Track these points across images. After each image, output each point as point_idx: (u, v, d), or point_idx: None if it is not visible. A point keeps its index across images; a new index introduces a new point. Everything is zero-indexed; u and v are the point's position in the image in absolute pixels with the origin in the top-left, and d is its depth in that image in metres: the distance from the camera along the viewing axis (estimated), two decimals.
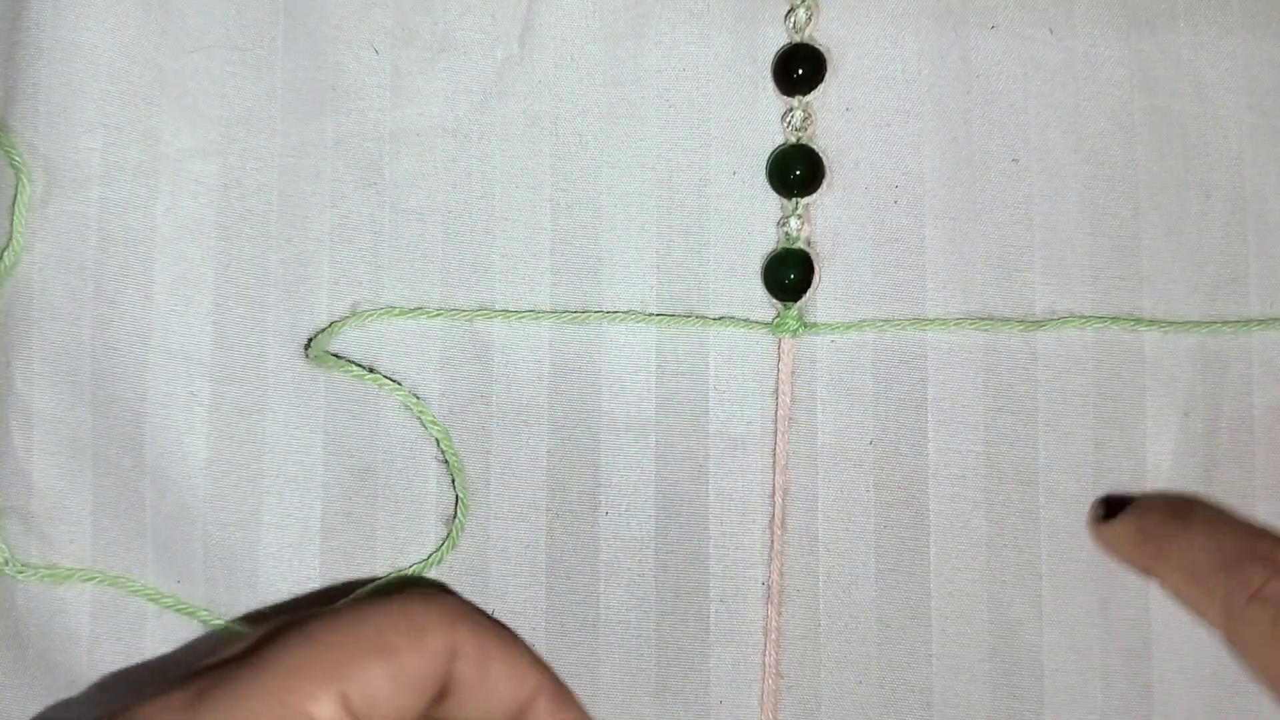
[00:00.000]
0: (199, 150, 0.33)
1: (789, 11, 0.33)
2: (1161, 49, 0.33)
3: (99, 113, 0.32)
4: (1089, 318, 0.33)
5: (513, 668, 0.28)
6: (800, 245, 0.33)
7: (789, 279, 0.33)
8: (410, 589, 0.31)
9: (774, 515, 0.33)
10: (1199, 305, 0.33)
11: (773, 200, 0.33)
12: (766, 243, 0.33)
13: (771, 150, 0.33)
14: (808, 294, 0.33)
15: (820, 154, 0.33)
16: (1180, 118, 0.33)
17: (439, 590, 0.32)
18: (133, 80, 0.33)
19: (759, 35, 0.33)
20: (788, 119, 0.33)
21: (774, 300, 0.33)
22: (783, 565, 0.33)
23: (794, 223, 0.33)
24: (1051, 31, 0.33)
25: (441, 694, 0.27)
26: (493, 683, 0.28)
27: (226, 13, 0.33)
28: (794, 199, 0.33)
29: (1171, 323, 0.33)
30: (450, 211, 0.33)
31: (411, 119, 0.33)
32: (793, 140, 0.33)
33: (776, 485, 0.33)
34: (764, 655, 0.33)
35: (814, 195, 0.33)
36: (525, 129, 0.33)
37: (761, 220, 0.33)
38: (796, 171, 0.33)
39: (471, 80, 0.33)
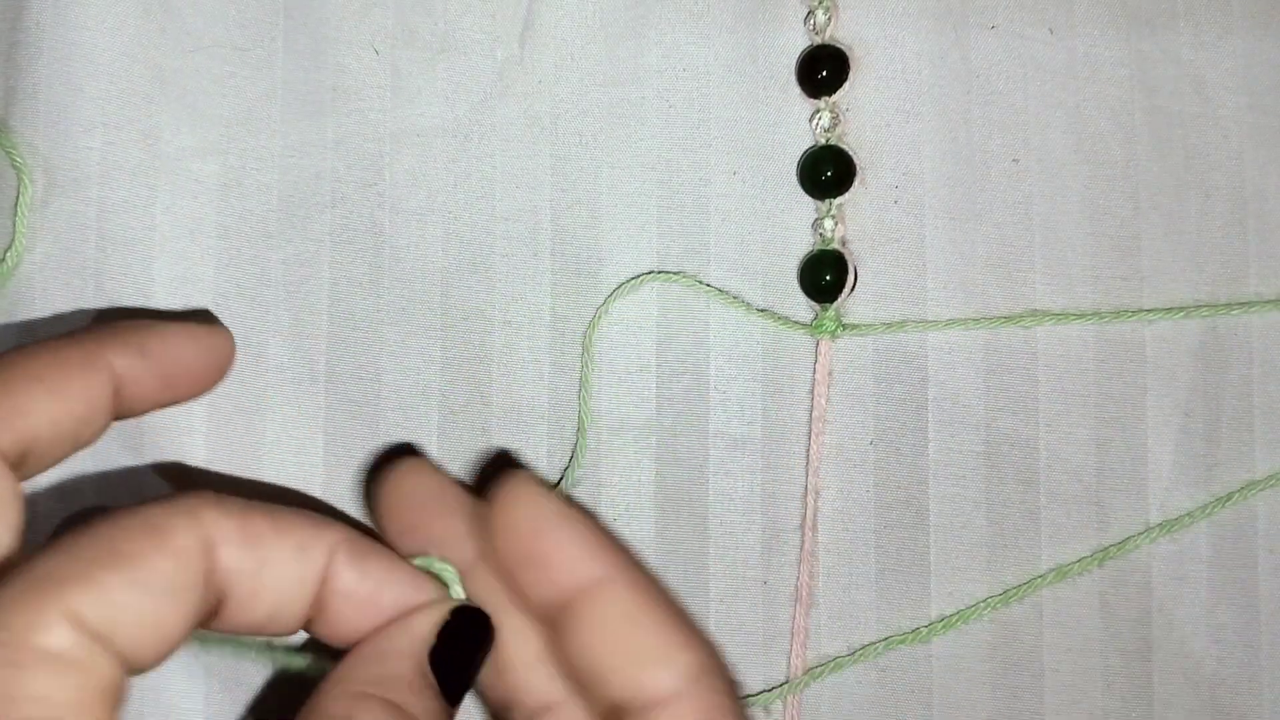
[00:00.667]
0: (199, 150, 0.33)
1: (808, 14, 0.33)
2: (1161, 49, 0.33)
3: (99, 113, 0.32)
4: (1088, 314, 0.33)
5: (291, 538, 0.24)
6: (835, 246, 0.33)
7: (825, 280, 0.33)
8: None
9: (805, 517, 0.33)
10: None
11: (773, 198, 0.33)
12: (767, 241, 0.33)
13: (800, 151, 0.33)
14: (844, 295, 0.33)
15: (851, 154, 0.33)
16: (1180, 118, 0.33)
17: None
18: (133, 80, 0.33)
19: (760, 35, 0.33)
20: (815, 120, 0.33)
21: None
22: (813, 567, 0.33)
23: (828, 224, 0.33)
24: (1051, 31, 0.33)
25: (219, 597, 0.24)
26: (273, 563, 0.24)
27: (226, 13, 0.33)
28: (827, 200, 0.33)
29: (1169, 309, 0.33)
30: (450, 211, 0.33)
31: (411, 119, 0.33)
32: (822, 141, 0.33)
33: (809, 486, 0.33)
34: (790, 657, 0.33)
35: (846, 195, 0.33)
36: (525, 129, 0.33)
37: (762, 219, 0.33)
38: (828, 173, 0.33)
39: (471, 80, 0.33)
